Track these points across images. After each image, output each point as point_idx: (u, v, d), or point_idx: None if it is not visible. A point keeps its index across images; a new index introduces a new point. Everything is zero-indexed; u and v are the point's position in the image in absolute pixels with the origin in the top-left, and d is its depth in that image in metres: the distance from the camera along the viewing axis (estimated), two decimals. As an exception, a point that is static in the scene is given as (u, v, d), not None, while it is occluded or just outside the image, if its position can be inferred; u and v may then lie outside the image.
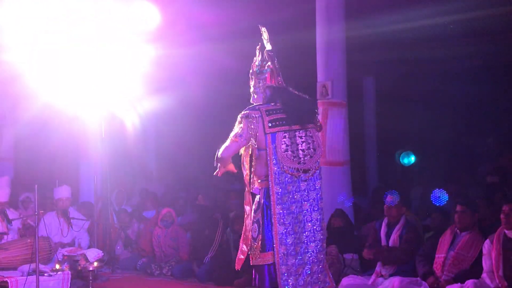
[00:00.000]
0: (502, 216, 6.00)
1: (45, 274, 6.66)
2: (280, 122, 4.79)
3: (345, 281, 6.62)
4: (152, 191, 10.89)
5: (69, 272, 6.98)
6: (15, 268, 6.92)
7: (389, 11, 9.04)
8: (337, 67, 7.80)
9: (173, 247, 8.74)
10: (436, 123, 13.31)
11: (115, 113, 10.00)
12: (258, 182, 4.87)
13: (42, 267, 6.71)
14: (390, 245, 6.74)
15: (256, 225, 4.83)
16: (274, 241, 4.67)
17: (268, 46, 4.99)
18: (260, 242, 4.76)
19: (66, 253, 7.69)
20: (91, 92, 9.32)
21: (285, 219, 4.68)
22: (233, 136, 4.81)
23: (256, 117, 4.76)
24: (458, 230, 6.40)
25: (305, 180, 4.76)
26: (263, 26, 4.91)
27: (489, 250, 6.07)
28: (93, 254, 7.50)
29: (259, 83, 5.02)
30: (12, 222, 7.66)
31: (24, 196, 9.30)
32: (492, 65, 11.66)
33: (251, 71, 5.08)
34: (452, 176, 10.51)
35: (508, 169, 10.14)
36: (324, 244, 4.86)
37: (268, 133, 4.74)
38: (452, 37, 10.21)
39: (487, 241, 6.13)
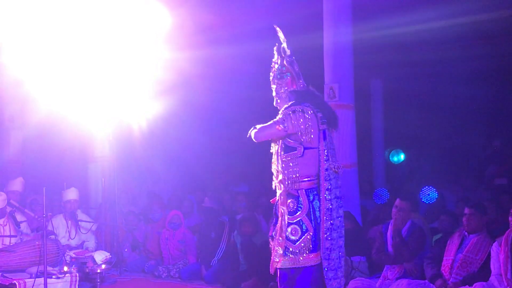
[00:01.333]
0: (510, 218, 5.99)
1: (53, 276, 6.67)
2: (323, 120, 4.85)
3: (352, 283, 6.60)
4: (158, 193, 10.90)
5: (77, 274, 6.99)
6: (23, 270, 6.93)
7: (396, 14, 9.03)
8: (344, 70, 7.79)
9: (181, 250, 8.75)
10: (444, 125, 13.30)
11: (122, 115, 10.02)
12: (305, 182, 4.78)
13: (50, 269, 6.73)
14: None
15: (297, 226, 4.74)
16: (321, 237, 4.69)
17: (286, 49, 4.97)
18: (307, 243, 4.70)
19: (74, 255, 7.72)
20: (98, 95, 9.34)
21: (330, 215, 4.74)
22: (276, 123, 4.77)
23: (310, 113, 4.76)
24: (466, 233, 6.39)
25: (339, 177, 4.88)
26: (275, 27, 4.94)
27: (497, 253, 6.04)
28: (101, 256, 7.53)
29: (281, 88, 5.00)
30: (20, 224, 7.69)
31: (32, 199, 9.32)
32: (500, 67, 11.63)
33: (272, 75, 5.06)
34: (460, 178, 10.49)
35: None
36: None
37: (321, 130, 4.80)
38: (460, 39, 10.20)
39: (495, 244, 6.11)
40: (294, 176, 4.76)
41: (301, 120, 4.72)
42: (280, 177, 4.84)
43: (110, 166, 9.19)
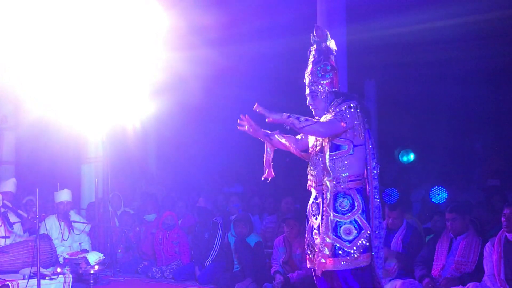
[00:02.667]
0: (503, 219, 6.01)
1: (46, 277, 6.66)
2: (367, 119, 4.82)
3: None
4: (153, 194, 10.90)
5: (70, 275, 6.98)
6: (16, 271, 6.92)
7: (390, 15, 9.06)
8: (338, 70, 7.79)
9: (175, 251, 8.75)
10: (437, 126, 13.31)
11: (116, 116, 10.01)
12: (356, 181, 4.67)
13: (43, 270, 6.72)
14: (390, 249, 6.74)
15: (350, 226, 4.61)
16: (372, 235, 4.64)
17: (334, 47, 4.87)
18: (363, 243, 4.58)
19: (67, 256, 7.70)
20: (92, 96, 9.33)
21: (379, 213, 4.72)
22: (338, 120, 4.60)
23: (359, 110, 4.70)
24: (452, 235, 6.43)
25: None
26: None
27: (490, 253, 6.07)
28: (94, 257, 7.52)
29: (322, 87, 4.84)
30: (13, 225, 7.68)
31: (27, 199, 9.31)
32: (493, 67, 11.66)
33: (309, 74, 4.88)
34: (453, 178, 10.51)
35: (507, 172, 10.15)
36: None
37: (366, 128, 4.77)
38: (454, 39, 10.22)
39: (488, 244, 6.14)
40: (344, 175, 4.65)
41: (356, 116, 4.66)
42: (328, 176, 4.64)
43: (104, 167, 9.17)
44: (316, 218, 4.75)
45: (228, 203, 9.64)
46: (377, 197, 4.70)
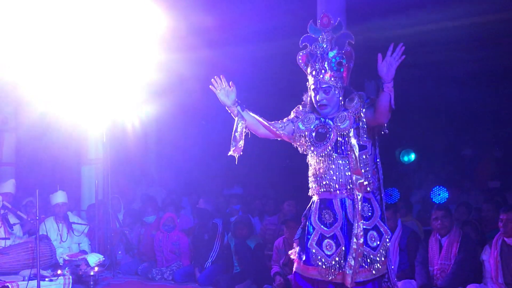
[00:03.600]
0: (500, 224, 6.02)
1: (46, 279, 6.66)
2: None
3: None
4: (153, 196, 10.89)
5: (70, 276, 6.98)
6: (16, 273, 6.92)
7: (390, 16, 9.06)
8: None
9: (174, 252, 8.74)
10: (438, 127, 13.31)
11: (116, 117, 10.01)
12: (372, 183, 4.49)
13: (43, 271, 6.71)
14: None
15: (374, 232, 4.41)
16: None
17: (349, 35, 4.64)
18: (385, 248, 4.41)
19: (67, 258, 7.70)
20: (92, 96, 9.34)
21: (385, 216, 4.58)
22: None
23: None
24: (439, 236, 6.44)
25: None
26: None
27: (488, 256, 6.07)
28: (94, 259, 7.51)
29: (335, 81, 4.56)
30: (13, 227, 7.68)
31: (27, 201, 9.30)
32: (493, 70, 11.66)
33: (321, 64, 4.56)
34: (453, 180, 10.51)
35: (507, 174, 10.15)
36: None
37: None
38: (454, 41, 10.22)
39: (487, 247, 6.15)
40: (369, 176, 4.44)
41: None
42: (360, 180, 4.37)
43: (104, 169, 9.17)
44: (330, 227, 4.44)
45: (229, 204, 9.63)
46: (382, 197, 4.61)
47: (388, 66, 4.41)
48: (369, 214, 4.42)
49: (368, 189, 4.41)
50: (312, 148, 4.56)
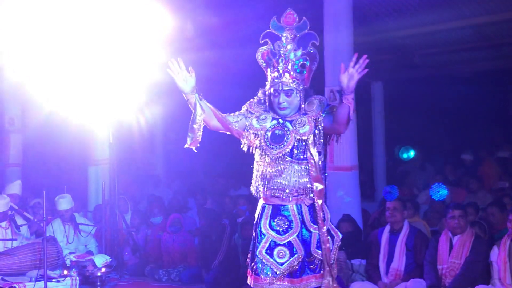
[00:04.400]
0: (509, 225, 5.99)
1: (53, 280, 6.67)
2: None
3: (354, 286, 6.59)
4: (159, 196, 10.89)
5: (77, 277, 6.99)
6: (23, 274, 6.93)
7: (397, 16, 9.04)
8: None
9: (181, 253, 8.73)
10: (444, 127, 13.29)
11: (123, 118, 10.01)
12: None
13: (50, 272, 6.72)
14: (395, 253, 6.66)
15: (329, 236, 4.35)
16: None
17: (314, 36, 4.39)
18: (336, 252, 4.39)
19: (74, 259, 7.71)
20: (98, 97, 9.34)
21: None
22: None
23: None
24: (451, 235, 6.37)
25: None
26: (307, 21, 4.38)
27: (497, 257, 6.04)
28: (101, 260, 7.52)
29: (297, 83, 4.31)
30: (20, 228, 7.70)
31: (34, 202, 9.32)
32: (500, 69, 11.62)
33: (284, 65, 4.33)
34: (461, 181, 10.46)
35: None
36: None
37: None
38: (463, 41, 10.20)
39: (495, 248, 6.12)
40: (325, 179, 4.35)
41: None
42: (320, 187, 4.25)
43: (111, 169, 9.17)
44: (284, 234, 4.26)
45: (235, 205, 9.61)
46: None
47: (349, 78, 4.08)
48: (323, 219, 4.28)
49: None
50: (264, 148, 4.34)
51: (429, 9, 8.79)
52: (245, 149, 4.46)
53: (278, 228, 4.28)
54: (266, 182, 4.30)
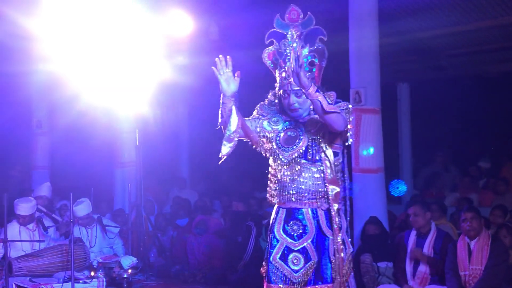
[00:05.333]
0: None
1: (80, 281, 6.72)
2: None
3: (381, 288, 6.56)
4: (185, 198, 10.93)
5: (104, 279, 7.03)
6: (50, 275, 7.00)
7: (423, 17, 8.95)
8: (370, 73, 7.72)
9: (207, 255, 8.75)
10: (472, 129, 13.13)
11: (149, 120, 10.08)
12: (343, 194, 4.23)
13: (77, 274, 6.77)
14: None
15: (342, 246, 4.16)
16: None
17: (321, 31, 4.19)
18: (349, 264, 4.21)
19: (101, 260, 7.76)
20: (125, 100, 9.41)
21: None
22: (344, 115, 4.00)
23: None
24: (468, 240, 6.23)
25: None
26: (313, 17, 4.18)
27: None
28: (128, 261, 7.57)
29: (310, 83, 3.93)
30: (48, 229, 7.77)
31: (61, 204, 9.42)
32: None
33: (291, 65, 4.04)
34: (487, 181, 10.34)
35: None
36: None
37: None
38: (487, 42, 10.08)
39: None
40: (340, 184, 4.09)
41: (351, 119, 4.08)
42: (336, 190, 4.05)
43: (137, 172, 9.23)
44: (298, 239, 4.12)
45: (261, 207, 9.61)
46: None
47: (294, 76, 3.87)
48: (340, 225, 4.09)
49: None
50: (277, 152, 4.17)
51: (455, 9, 8.70)
52: (264, 155, 4.34)
53: (292, 233, 4.12)
54: (283, 187, 4.15)
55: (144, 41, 8.63)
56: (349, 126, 4.04)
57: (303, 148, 4.09)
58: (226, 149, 4.20)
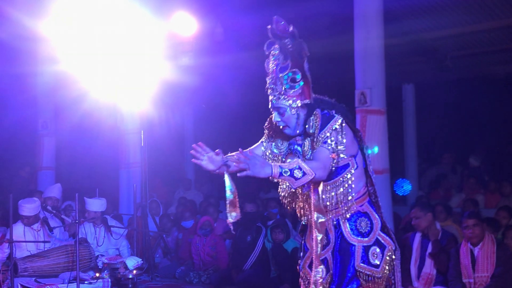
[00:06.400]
0: None
1: (86, 282, 6.73)
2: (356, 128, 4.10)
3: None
4: (191, 200, 10.93)
5: (109, 279, 7.04)
6: (56, 276, 7.01)
7: (428, 18, 8.95)
8: (375, 75, 7.72)
9: (212, 256, 8.75)
10: (478, 131, 13.11)
11: (154, 121, 10.10)
12: (365, 194, 4.11)
13: (82, 274, 6.79)
14: (426, 258, 6.54)
15: (377, 247, 4.00)
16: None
17: (303, 45, 3.87)
18: (390, 261, 4.01)
19: (106, 261, 7.77)
20: (130, 100, 9.44)
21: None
22: (327, 150, 3.79)
23: (344, 124, 3.87)
24: (472, 246, 6.17)
25: None
26: (298, 32, 3.89)
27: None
28: (133, 262, 7.56)
29: (291, 101, 3.83)
30: (53, 230, 7.79)
31: (66, 205, 9.45)
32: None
33: (272, 80, 3.89)
34: (496, 184, 10.31)
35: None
36: None
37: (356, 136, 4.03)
38: (492, 44, 10.06)
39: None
40: (353, 194, 3.95)
41: (345, 132, 3.84)
42: (321, 219, 3.95)
43: (142, 173, 9.24)
44: (323, 249, 4.01)
45: (266, 208, 9.61)
46: (378, 200, 4.15)
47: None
48: (368, 229, 3.98)
49: (351, 207, 3.95)
50: None
51: (460, 11, 8.69)
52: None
53: (363, 231, 4.01)
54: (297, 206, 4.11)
55: (149, 42, 8.66)
56: (333, 156, 3.79)
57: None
58: (231, 216, 4.03)
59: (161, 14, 8.66)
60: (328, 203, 3.92)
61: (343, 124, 3.82)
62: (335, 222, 3.99)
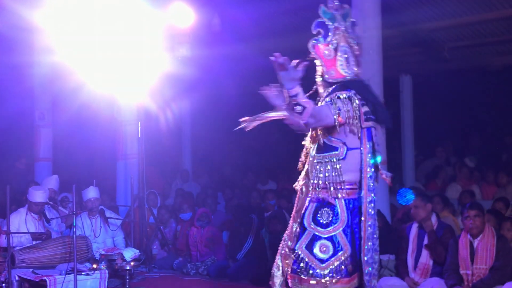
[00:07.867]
0: None
1: (83, 273, 6.73)
2: (369, 116, 3.99)
3: (382, 281, 6.53)
4: (188, 192, 10.93)
5: (106, 271, 7.04)
6: (53, 267, 7.01)
7: (426, 9, 8.93)
8: (373, 65, 7.70)
9: (209, 247, 8.76)
10: (475, 122, 13.11)
11: (151, 113, 10.08)
12: (346, 190, 3.96)
13: (79, 266, 6.79)
14: (423, 248, 6.56)
15: (328, 242, 3.91)
16: (362, 260, 3.98)
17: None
18: (339, 265, 3.90)
19: (103, 252, 7.78)
20: (127, 92, 9.42)
21: (372, 233, 4.05)
22: (330, 107, 3.85)
23: (357, 103, 3.90)
24: (471, 238, 6.15)
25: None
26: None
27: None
28: (130, 254, 7.58)
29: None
30: (51, 221, 7.80)
31: (63, 196, 9.45)
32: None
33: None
34: (491, 175, 10.31)
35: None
36: None
37: (364, 127, 3.96)
38: (491, 34, 10.04)
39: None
40: (332, 181, 3.92)
41: (350, 109, 3.86)
42: (314, 180, 3.99)
43: (139, 164, 9.23)
44: (326, 227, 4.01)
45: (263, 199, 9.62)
46: (372, 212, 3.97)
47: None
48: (328, 221, 3.95)
49: (325, 193, 3.96)
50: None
51: (458, 1, 8.68)
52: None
53: (321, 222, 3.99)
54: (308, 176, 4.19)
55: (146, 33, 8.64)
56: (336, 118, 3.86)
57: (311, 139, 4.19)
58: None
59: (158, 5, 8.63)
60: (315, 181, 3.99)
61: (348, 100, 3.88)
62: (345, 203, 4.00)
